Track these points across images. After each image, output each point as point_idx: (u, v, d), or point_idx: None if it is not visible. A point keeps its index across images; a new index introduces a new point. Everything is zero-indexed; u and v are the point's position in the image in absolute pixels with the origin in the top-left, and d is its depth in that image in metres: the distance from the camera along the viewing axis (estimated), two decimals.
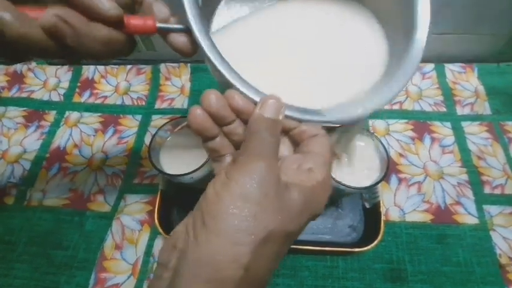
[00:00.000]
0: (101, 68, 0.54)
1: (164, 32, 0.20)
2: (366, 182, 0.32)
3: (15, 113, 0.50)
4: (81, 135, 0.47)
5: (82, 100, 0.51)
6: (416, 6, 0.17)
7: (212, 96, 0.18)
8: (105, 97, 0.51)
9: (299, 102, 0.16)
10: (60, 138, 0.47)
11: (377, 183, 0.31)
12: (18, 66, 0.54)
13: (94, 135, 0.47)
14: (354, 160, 0.33)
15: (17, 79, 0.53)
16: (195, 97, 0.50)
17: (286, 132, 0.19)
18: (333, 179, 0.31)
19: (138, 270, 0.38)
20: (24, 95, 0.51)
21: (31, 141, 0.47)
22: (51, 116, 0.49)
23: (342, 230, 0.39)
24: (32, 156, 0.46)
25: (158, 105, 0.50)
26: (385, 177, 0.31)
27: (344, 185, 0.31)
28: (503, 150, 0.44)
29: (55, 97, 0.51)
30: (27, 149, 0.46)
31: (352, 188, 0.31)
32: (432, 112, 0.48)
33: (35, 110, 0.50)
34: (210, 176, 0.36)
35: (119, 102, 0.51)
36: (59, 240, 0.40)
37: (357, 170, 0.33)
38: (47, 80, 0.53)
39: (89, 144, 0.46)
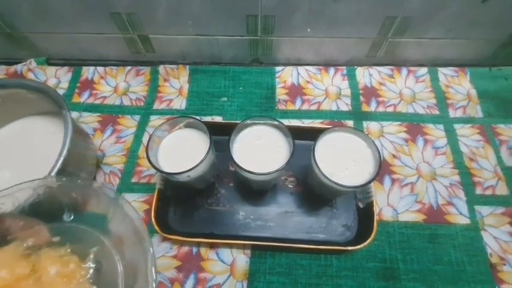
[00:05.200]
0: (100, 69, 0.55)
1: None
2: (359, 182, 0.33)
3: None
4: None
5: (81, 100, 0.52)
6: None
7: None
8: (104, 97, 0.52)
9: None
10: None
11: (369, 182, 0.32)
12: (18, 67, 0.55)
13: (93, 134, 0.48)
14: None
15: None
16: (193, 98, 0.51)
17: None
18: (327, 178, 0.32)
19: None
20: None
21: None
22: None
23: (336, 229, 0.40)
24: None
25: (156, 106, 0.51)
26: (377, 176, 0.32)
27: (337, 183, 0.31)
28: (495, 152, 0.45)
29: None
30: None
31: (345, 186, 0.31)
32: (425, 114, 0.49)
33: None
34: (206, 175, 0.37)
35: (117, 102, 0.51)
36: None
37: (351, 170, 0.34)
38: (47, 80, 0.54)
39: None
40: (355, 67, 0.53)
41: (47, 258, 0.20)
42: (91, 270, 0.22)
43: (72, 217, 0.25)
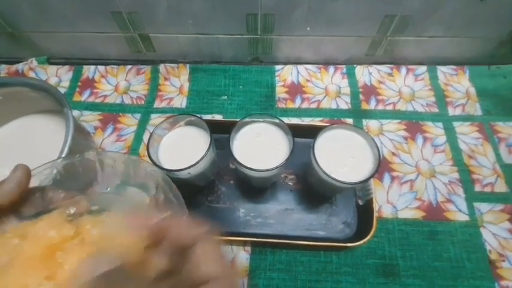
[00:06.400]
0: (101, 67, 0.55)
1: None
2: (359, 178, 0.33)
3: None
4: None
5: (82, 99, 0.52)
6: None
7: None
8: (105, 96, 0.52)
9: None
10: None
11: (368, 178, 0.32)
12: (19, 66, 0.55)
13: (93, 133, 0.48)
14: None
15: None
16: (193, 97, 0.52)
17: None
18: (327, 174, 0.32)
19: None
20: None
21: None
22: None
23: (335, 226, 0.40)
24: None
25: (157, 104, 0.51)
26: (376, 173, 0.32)
27: (336, 180, 0.31)
28: (493, 149, 0.45)
29: None
30: None
31: (344, 183, 0.32)
32: (424, 112, 0.49)
33: None
34: (206, 172, 0.37)
35: (118, 101, 0.51)
36: None
37: (350, 166, 0.34)
38: (48, 79, 0.54)
39: None
40: (355, 65, 0.54)
41: (88, 223, 0.22)
42: None
43: (108, 189, 0.26)
